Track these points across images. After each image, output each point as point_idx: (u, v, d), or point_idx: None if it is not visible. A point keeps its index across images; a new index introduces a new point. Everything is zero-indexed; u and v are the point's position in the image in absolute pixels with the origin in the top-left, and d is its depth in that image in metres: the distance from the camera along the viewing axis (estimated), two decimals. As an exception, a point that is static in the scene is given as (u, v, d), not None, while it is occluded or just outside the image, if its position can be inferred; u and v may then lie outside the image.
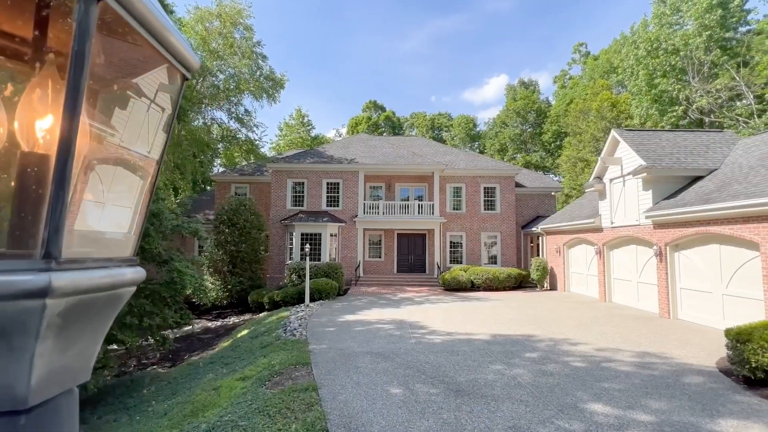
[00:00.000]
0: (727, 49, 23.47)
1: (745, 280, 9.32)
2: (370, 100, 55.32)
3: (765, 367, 5.65)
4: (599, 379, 6.27)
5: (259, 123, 21.49)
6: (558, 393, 5.68)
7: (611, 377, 6.38)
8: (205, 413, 6.04)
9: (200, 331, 16.40)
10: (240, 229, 19.42)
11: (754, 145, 12.34)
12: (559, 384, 6.06)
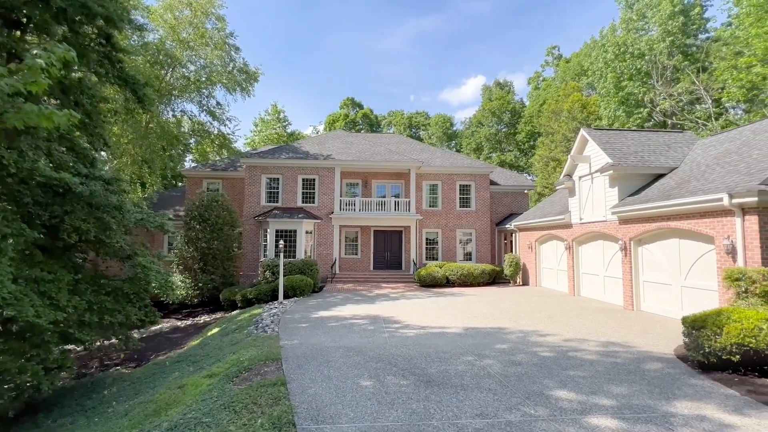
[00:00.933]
0: (688, 54, 24.69)
1: (702, 272, 9.81)
2: (348, 98, 55.00)
3: (717, 352, 5.94)
4: (565, 368, 6.43)
5: (232, 117, 21.07)
6: (526, 381, 5.79)
7: (577, 366, 6.56)
8: (168, 412, 5.82)
9: (169, 330, 15.86)
10: (212, 225, 18.88)
11: (711, 145, 13.01)
12: (527, 373, 6.18)
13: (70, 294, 7.42)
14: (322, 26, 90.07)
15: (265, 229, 20.09)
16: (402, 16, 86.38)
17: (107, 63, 8.86)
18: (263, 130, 44.42)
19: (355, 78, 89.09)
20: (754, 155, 10.12)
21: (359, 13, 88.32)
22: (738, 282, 7.92)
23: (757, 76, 18.67)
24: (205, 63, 18.89)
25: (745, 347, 5.65)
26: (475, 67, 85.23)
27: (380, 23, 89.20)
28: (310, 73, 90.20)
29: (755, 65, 18.83)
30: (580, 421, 4.47)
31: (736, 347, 5.72)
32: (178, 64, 17.91)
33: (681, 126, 23.59)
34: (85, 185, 7.25)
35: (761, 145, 10.48)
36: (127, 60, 11.10)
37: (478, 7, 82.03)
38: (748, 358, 5.80)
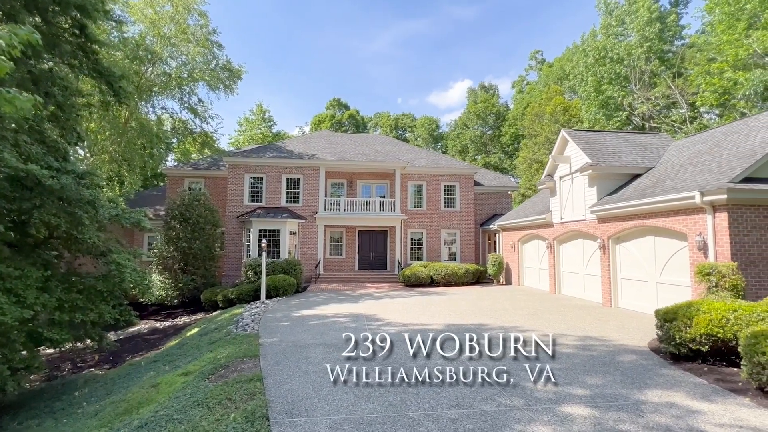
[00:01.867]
0: (664, 60, 25.48)
1: (676, 268, 10.08)
2: (334, 98, 54.86)
3: (687, 343, 6.09)
4: (543, 360, 6.49)
5: (214, 114, 20.75)
6: (503, 374, 5.82)
7: (554, 358, 6.63)
8: (140, 410, 5.66)
9: (147, 331, 15.48)
10: (193, 224, 18.52)
11: (685, 147, 13.41)
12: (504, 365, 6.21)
13: (39, 291, 7.14)
14: (309, 26, 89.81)
15: (249, 229, 19.83)
16: (389, 18, 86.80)
17: (81, 54, 8.61)
18: (248, 129, 43.91)
19: (343, 79, 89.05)
20: (725, 155, 10.46)
21: (346, 14, 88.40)
22: (709, 276, 8.16)
23: (729, 81, 19.39)
24: (187, 59, 18.55)
25: (714, 337, 5.81)
26: (462, 71, 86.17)
27: (367, 25, 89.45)
28: (297, 73, 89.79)
29: (727, 71, 19.57)
30: (554, 410, 4.52)
31: (705, 337, 5.88)
32: (159, 60, 17.55)
33: (658, 129, 24.28)
34: (56, 179, 7.00)
35: (731, 146, 10.85)
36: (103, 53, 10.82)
37: (464, 11, 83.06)
38: (717, 348, 5.97)
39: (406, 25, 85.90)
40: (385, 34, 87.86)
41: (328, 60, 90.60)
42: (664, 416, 4.33)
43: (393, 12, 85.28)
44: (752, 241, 8.53)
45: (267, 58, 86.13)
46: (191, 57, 18.49)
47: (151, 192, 26.51)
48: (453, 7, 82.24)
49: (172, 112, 20.18)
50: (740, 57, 19.15)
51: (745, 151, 9.90)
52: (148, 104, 19.36)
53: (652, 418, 4.30)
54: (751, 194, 8.43)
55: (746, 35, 19.11)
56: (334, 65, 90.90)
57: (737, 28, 19.51)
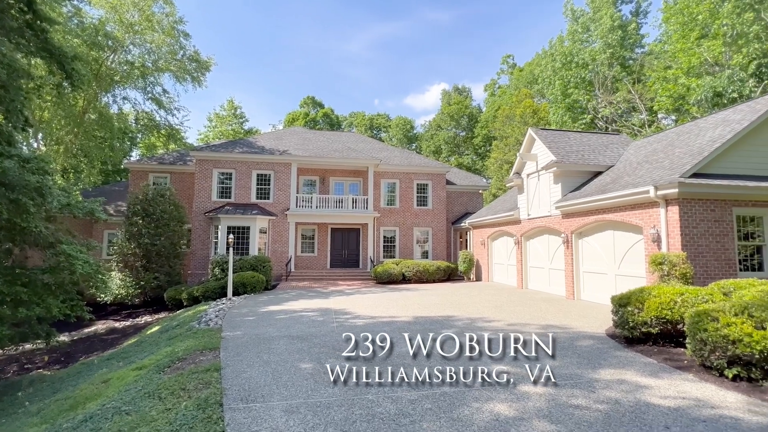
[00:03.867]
0: (625, 66, 26.76)
1: (633, 260, 10.54)
2: (309, 96, 54.26)
3: (640, 326, 6.37)
4: (506, 347, 6.61)
5: (181, 106, 19.95)
6: (465, 359, 5.87)
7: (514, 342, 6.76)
8: (86, 405, 5.34)
9: (104, 331, 14.72)
10: (157, 220, 17.78)
11: (642, 146, 14.09)
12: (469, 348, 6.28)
13: (-24, 284, 6.61)
14: (284, 25, 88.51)
15: (217, 226, 19.24)
16: (365, 19, 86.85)
17: (30, 33, 8.04)
18: (218, 125, 42.70)
19: (318, 79, 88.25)
20: (677, 153, 11.05)
21: (321, 13, 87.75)
22: (661, 266, 8.57)
23: (683, 87, 20.57)
24: (152, 48, 17.82)
25: (663, 319, 6.10)
26: (438, 75, 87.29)
27: (343, 25, 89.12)
28: (270, 71, 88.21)
29: (681, 77, 20.75)
30: (511, 389, 4.59)
31: (656, 320, 6.16)
32: (121, 48, 16.76)
33: (619, 132, 25.43)
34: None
35: (683, 145, 11.48)
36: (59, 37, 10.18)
37: (440, 15, 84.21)
38: (666, 330, 6.26)
39: (382, 27, 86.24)
40: (362, 35, 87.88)
41: (303, 59, 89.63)
42: (614, 391, 4.49)
43: (369, 13, 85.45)
44: (700, 233, 9.03)
45: (240, 55, 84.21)
46: (156, 46, 17.78)
47: (112, 187, 25.24)
48: (428, 11, 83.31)
49: (135, 103, 19.28)
50: (693, 64, 20.36)
51: (695, 149, 10.49)
52: (109, 94, 18.43)
53: (603, 393, 4.44)
54: (699, 188, 8.93)
55: (698, 44, 20.33)
56: (309, 65, 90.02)
57: (690, 37, 20.74)
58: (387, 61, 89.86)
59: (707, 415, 3.87)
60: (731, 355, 4.70)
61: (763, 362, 4.52)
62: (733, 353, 4.67)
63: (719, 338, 4.78)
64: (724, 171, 9.75)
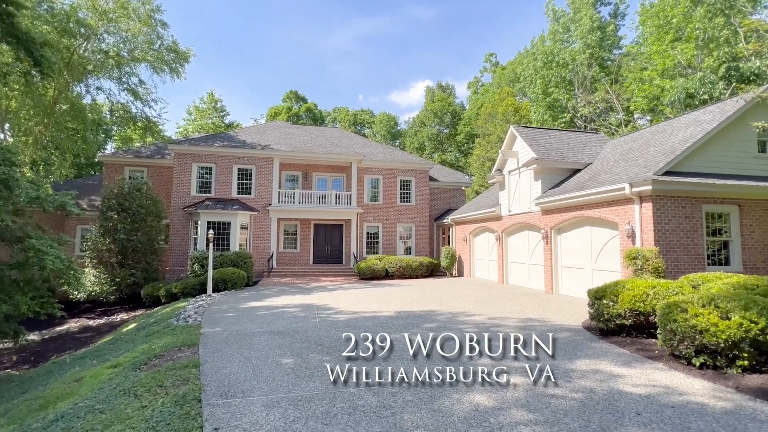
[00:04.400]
0: (604, 67, 27.46)
1: (609, 255, 10.86)
2: (291, 91, 53.51)
3: (614, 318, 6.58)
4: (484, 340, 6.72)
5: (158, 98, 19.34)
6: (446, 351, 5.94)
7: (497, 337, 6.89)
8: (57, 405, 5.16)
9: (78, 330, 14.25)
10: (133, 215, 17.26)
11: (619, 145, 14.50)
12: (449, 345, 6.36)
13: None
14: (265, 17, 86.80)
15: (196, 221, 18.82)
16: (349, 14, 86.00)
17: (-6, 17, 7.63)
18: (198, 119, 41.65)
19: (301, 74, 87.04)
20: (651, 152, 11.42)
21: (304, 6, 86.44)
22: (635, 260, 8.87)
23: (657, 87, 21.27)
24: (127, 37, 17.18)
25: (636, 311, 6.32)
26: (423, 72, 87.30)
27: (327, 20, 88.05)
28: (253, 66, 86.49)
29: (656, 78, 21.44)
30: (490, 380, 4.67)
31: (629, 312, 6.37)
32: (94, 36, 16.09)
33: (597, 131, 26.12)
34: (-42, 153, 6.14)
35: (657, 143, 11.87)
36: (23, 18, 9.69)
37: (424, 12, 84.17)
38: (639, 322, 6.49)
39: (366, 22, 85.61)
40: (346, 30, 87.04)
41: (286, 53, 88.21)
42: (589, 381, 4.63)
43: (352, 8, 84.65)
44: (672, 229, 9.38)
45: (220, 48, 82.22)
46: (132, 35, 17.16)
47: (85, 181, 24.35)
48: (413, 7, 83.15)
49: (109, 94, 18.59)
50: (667, 66, 21.05)
51: (668, 147, 10.87)
52: (82, 84, 17.72)
53: (578, 382, 4.58)
54: (671, 186, 9.26)
55: (672, 47, 21.02)
56: (292, 59, 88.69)
57: (665, 40, 21.42)
58: (371, 56, 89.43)
59: (675, 401, 4.04)
60: (698, 345, 4.92)
61: (727, 350, 4.74)
62: (701, 342, 4.88)
63: (688, 328, 4.99)
64: (695, 169, 10.14)
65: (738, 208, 9.90)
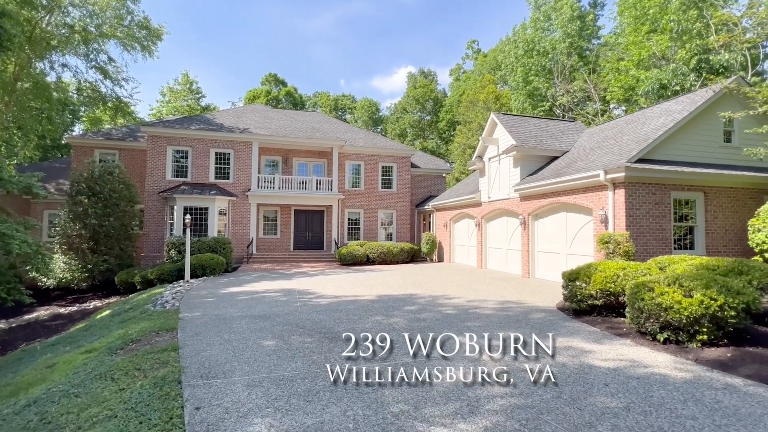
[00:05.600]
0: (583, 56, 27.90)
1: (583, 240, 11.23)
2: (270, 73, 52.10)
3: (587, 299, 6.86)
4: (464, 320, 6.92)
5: (129, 77, 18.46)
6: (427, 332, 6.08)
7: (474, 318, 7.10)
8: (29, 391, 5.02)
9: (48, 317, 13.76)
10: (105, 200, 16.63)
11: (595, 133, 14.86)
12: (429, 326, 6.51)
13: None
14: None
15: (172, 206, 18.30)
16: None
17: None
18: (172, 100, 40.08)
19: (280, 57, 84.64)
20: (625, 140, 11.77)
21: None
22: (607, 244, 9.22)
23: (633, 78, 21.83)
24: (94, 11, 16.24)
25: (607, 292, 6.60)
26: (405, 58, 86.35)
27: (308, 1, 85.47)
28: (230, 47, 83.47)
29: (632, 69, 21.98)
30: (469, 357, 4.83)
31: (600, 293, 6.66)
32: (57, 8, 15.13)
33: (575, 119, 26.67)
34: None
35: (631, 132, 12.23)
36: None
37: None
38: (609, 303, 6.79)
39: (348, 4, 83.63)
40: (328, 13, 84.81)
41: (265, 35, 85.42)
42: (562, 356, 4.85)
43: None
44: (642, 214, 9.77)
45: (196, 29, 78.81)
46: (100, 9, 16.22)
47: (52, 164, 23.22)
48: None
49: (76, 72, 17.62)
50: (642, 57, 21.59)
51: (641, 136, 11.22)
52: (45, 60, 16.73)
53: (552, 358, 4.77)
54: (643, 173, 9.60)
55: (648, 38, 21.52)
56: (271, 41, 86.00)
57: (642, 31, 21.89)
58: (353, 40, 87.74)
59: (640, 373, 4.28)
60: (663, 321, 5.20)
61: (689, 326, 5.04)
62: (665, 319, 5.17)
63: (654, 306, 5.26)
64: (665, 157, 10.53)
65: (704, 195, 10.39)
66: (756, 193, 10.70)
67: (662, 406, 3.51)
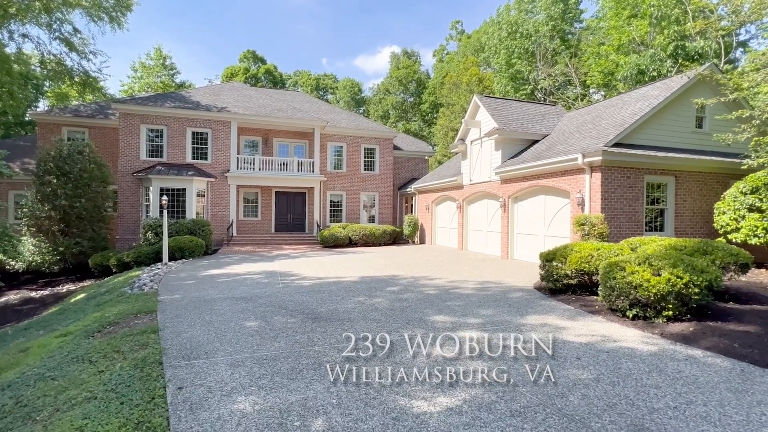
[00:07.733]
0: (565, 40, 28.02)
1: (560, 222, 11.54)
2: (249, 50, 50.23)
3: (562, 279, 7.11)
4: (445, 300, 7.08)
5: (98, 51, 17.46)
6: (409, 312, 6.21)
7: (455, 298, 7.27)
8: (1, 375, 4.88)
9: (18, 302, 13.33)
10: (75, 180, 15.93)
11: (574, 117, 15.09)
12: (411, 306, 6.64)
13: None
14: (219, -34, 79.21)
15: (147, 187, 17.73)
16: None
17: None
18: (144, 76, 38.23)
19: (260, 33, 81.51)
20: (603, 124, 12.02)
21: (262, -43, 79.65)
22: (583, 226, 9.51)
23: (612, 63, 22.14)
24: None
25: (582, 271, 6.86)
26: (390, 38, 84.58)
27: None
28: (206, 22, 79.69)
29: (612, 54, 22.26)
30: (449, 335, 4.97)
31: (575, 272, 6.91)
32: (14, -28, 14.04)
33: (555, 103, 26.99)
34: None
35: (609, 117, 12.48)
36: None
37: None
38: (584, 282, 7.07)
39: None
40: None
41: (243, 10, 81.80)
42: (538, 333, 5.05)
43: (315, -39, 79.18)
44: (617, 197, 10.08)
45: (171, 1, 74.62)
46: (61, -26, 15.15)
47: (15, 141, 22.02)
48: (378, -34, 79.14)
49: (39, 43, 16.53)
50: (623, 42, 21.86)
51: (618, 120, 11.47)
52: (4, 30, 15.61)
53: (529, 334, 4.97)
54: (619, 156, 9.86)
55: (628, 23, 21.75)
56: (251, 17, 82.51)
57: (623, 15, 22.08)
58: (336, 17, 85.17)
59: (610, 347, 4.52)
60: (633, 299, 5.46)
61: (656, 303, 5.31)
62: (635, 297, 5.43)
63: (625, 285, 5.51)
64: (641, 142, 10.83)
65: (675, 179, 10.78)
66: (723, 177, 11.18)
67: (629, 377, 3.72)
